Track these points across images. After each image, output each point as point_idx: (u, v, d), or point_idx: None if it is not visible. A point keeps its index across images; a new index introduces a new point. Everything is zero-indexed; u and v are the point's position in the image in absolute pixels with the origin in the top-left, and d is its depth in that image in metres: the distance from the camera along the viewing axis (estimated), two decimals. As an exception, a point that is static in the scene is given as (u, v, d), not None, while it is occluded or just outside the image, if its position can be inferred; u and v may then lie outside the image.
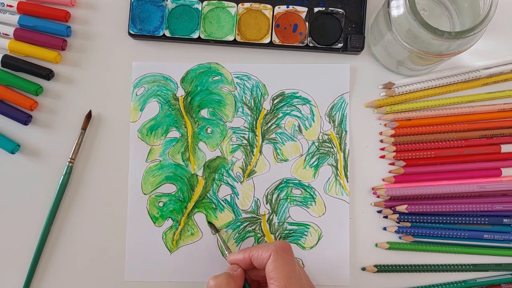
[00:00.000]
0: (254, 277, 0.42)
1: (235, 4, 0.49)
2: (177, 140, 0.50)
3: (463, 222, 0.48)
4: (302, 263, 0.48)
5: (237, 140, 0.49)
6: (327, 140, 0.49)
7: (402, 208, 0.47)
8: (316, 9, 0.49)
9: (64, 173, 0.49)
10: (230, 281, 0.39)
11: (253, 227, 0.49)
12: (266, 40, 0.49)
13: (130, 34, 0.49)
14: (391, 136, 0.49)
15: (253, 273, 0.42)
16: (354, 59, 0.50)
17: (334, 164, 0.49)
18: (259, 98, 0.50)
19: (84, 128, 0.49)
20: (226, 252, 0.46)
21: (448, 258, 0.48)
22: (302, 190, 0.49)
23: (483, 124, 0.49)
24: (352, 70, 0.50)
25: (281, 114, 0.50)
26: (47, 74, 0.49)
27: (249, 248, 0.41)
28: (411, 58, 0.44)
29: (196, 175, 0.49)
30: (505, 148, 0.49)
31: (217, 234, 0.48)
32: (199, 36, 0.49)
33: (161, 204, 0.49)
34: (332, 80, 0.50)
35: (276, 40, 0.49)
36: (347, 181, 0.49)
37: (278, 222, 0.49)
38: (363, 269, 0.48)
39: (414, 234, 0.48)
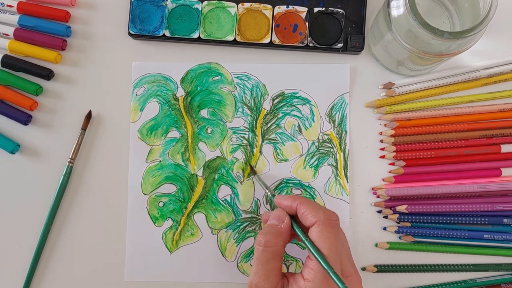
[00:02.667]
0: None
1: (235, 4, 0.49)
2: (177, 140, 0.50)
3: (463, 222, 0.48)
4: None
5: (237, 140, 0.49)
6: (327, 140, 0.49)
7: (402, 208, 0.47)
8: (316, 9, 0.49)
9: (64, 173, 0.49)
10: (278, 239, 0.39)
11: (253, 227, 0.49)
12: (266, 40, 0.49)
13: (130, 34, 0.49)
14: (391, 136, 0.49)
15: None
16: (354, 59, 0.50)
17: (334, 164, 0.49)
18: (259, 98, 0.50)
19: (84, 128, 0.49)
20: (269, 193, 0.45)
21: (448, 258, 0.48)
22: (302, 190, 0.49)
23: (483, 124, 0.49)
24: (352, 70, 0.50)
25: (281, 114, 0.50)
26: (47, 74, 0.49)
27: (298, 199, 0.40)
28: (411, 58, 0.44)
29: (196, 175, 0.49)
30: (505, 148, 0.49)
31: (255, 176, 0.48)
32: (199, 36, 0.49)
33: (161, 204, 0.49)
34: (332, 80, 0.50)
35: (276, 40, 0.49)
36: (347, 181, 0.49)
37: (278, 222, 0.49)
38: (363, 269, 0.48)
39: (414, 234, 0.48)
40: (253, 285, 0.38)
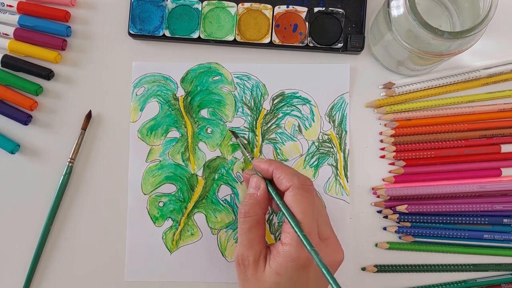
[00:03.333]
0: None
1: (235, 4, 0.49)
2: (177, 140, 0.50)
3: (463, 222, 0.48)
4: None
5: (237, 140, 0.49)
6: (327, 140, 0.49)
7: (402, 208, 0.47)
8: (316, 9, 0.49)
9: (64, 173, 0.49)
10: (256, 208, 0.41)
11: (253, 227, 0.49)
12: (266, 40, 0.49)
13: (130, 34, 0.49)
14: (391, 136, 0.49)
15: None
16: (354, 59, 0.50)
17: (334, 164, 0.49)
18: (259, 98, 0.50)
19: (84, 128, 0.49)
20: (249, 156, 0.46)
21: (448, 258, 0.48)
22: (302, 190, 0.49)
23: (483, 124, 0.49)
24: (352, 70, 0.50)
25: (281, 114, 0.50)
26: (47, 74, 0.49)
27: (274, 163, 0.41)
28: (411, 58, 0.44)
29: (196, 175, 0.49)
30: (505, 148, 0.49)
31: (237, 140, 0.48)
32: (199, 36, 0.49)
33: (161, 204, 0.49)
34: (332, 80, 0.50)
35: (276, 40, 0.49)
36: (347, 181, 0.49)
37: (278, 222, 0.49)
38: (363, 269, 0.48)
39: (414, 234, 0.48)
40: (239, 256, 0.39)
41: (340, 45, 0.49)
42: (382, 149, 0.49)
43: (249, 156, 0.46)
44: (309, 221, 0.37)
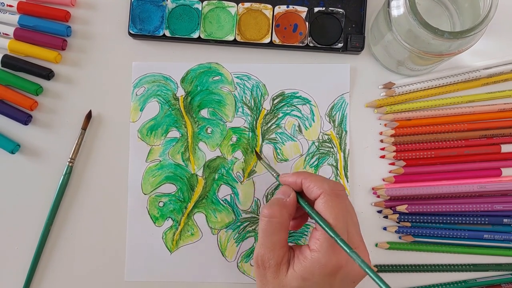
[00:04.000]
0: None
1: (235, 4, 0.49)
2: (177, 140, 0.50)
3: (463, 222, 0.48)
4: None
5: (237, 140, 0.49)
6: (327, 140, 0.49)
7: (402, 208, 0.47)
8: (316, 9, 0.49)
9: (64, 173, 0.49)
10: (283, 211, 0.38)
11: (253, 227, 0.49)
12: (266, 40, 0.49)
13: (130, 34, 0.49)
14: (391, 136, 0.49)
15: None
16: (354, 59, 0.50)
17: (334, 164, 0.49)
18: (259, 98, 0.50)
19: (84, 128, 0.49)
20: (274, 175, 0.44)
21: (448, 258, 0.48)
22: (302, 190, 0.49)
23: (483, 124, 0.49)
24: (352, 70, 0.50)
25: (281, 114, 0.50)
26: (47, 74, 0.49)
27: (303, 174, 0.39)
28: (411, 58, 0.44)
29: (196, 175, 0.49)
30: (505, 148, 0.49)
31: (261, 161, 0.47)
32: (199, 36, 0.49)
33: (161, 204, 0.49)
34: (332, 80, 0.50)
35: (276, 40, 0.49)
36: (347, 181, 0.49)
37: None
38: (363, 269, 0.48)
39: (414, 234, 0.48)
40: (259, 257, 0.38)
41: (340, 45, 0.49)
42: (382, 149, 0.49)
43: (275, 175, 0.44)
44: (341, 227, 0.36)
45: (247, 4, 0.49)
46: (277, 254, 0.37)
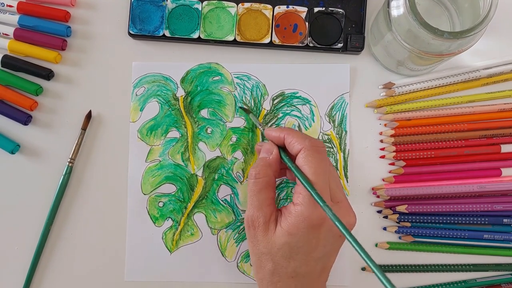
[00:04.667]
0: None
1: (235, 4, 0.49)
2: (177, 140, 0.50)
3: (463, 222, 0.48)
4: None
5: (237, 140, 0.49)
6: (327, 140, 0.49)
7: (402, 208, 0.47)
8: (316, 9, 0.49)
9: (64, 173, 0.49)
10: (267, 169, 0.40)
11: (253, 227, 0.49)
12: (266, 40, 0.49)
13: (130, 34, 0.49)
14: (391, 136, 0.49)
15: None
16: (354, 59, 0.50)
17: (334, 164, 0.49)
18: (259, 98, 0.50)
19: (84, 128, 0.49)
20: (261, 128, 0.46)
21: (448, 258, 0.48)
22: (302, 190, 0.49)
23: (483, 124, 0.49)
24: (352, 70, 0.50)
25: (281, 114, 0.50)
26: (47, 74, 0.49)
27: (286, 130, 0.41)
28: (411, 58, 0.44)
29: (196, 175, 0.49)
30: (505, 148, 0.49)
31: (250, 115, 0.48)
32: (199, 36, 0.49)
33: (161, 204, 0.49)
34: (332, 80, 0.50)
35: (276, 40, 0.49)
36: (347, 181, 0.49)
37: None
38: (363, 269, 0.48)
39: (414, 234, 0.48)
40: (249, 218, 0.40)
41: (340, 45, 0.49)
42: (382, 149, 0.49)
43: (261, 128, 0.46)
44: (321, 182, 0.37)
45: (247, 4, 0.49)
46: (264, 212, 0.39)
